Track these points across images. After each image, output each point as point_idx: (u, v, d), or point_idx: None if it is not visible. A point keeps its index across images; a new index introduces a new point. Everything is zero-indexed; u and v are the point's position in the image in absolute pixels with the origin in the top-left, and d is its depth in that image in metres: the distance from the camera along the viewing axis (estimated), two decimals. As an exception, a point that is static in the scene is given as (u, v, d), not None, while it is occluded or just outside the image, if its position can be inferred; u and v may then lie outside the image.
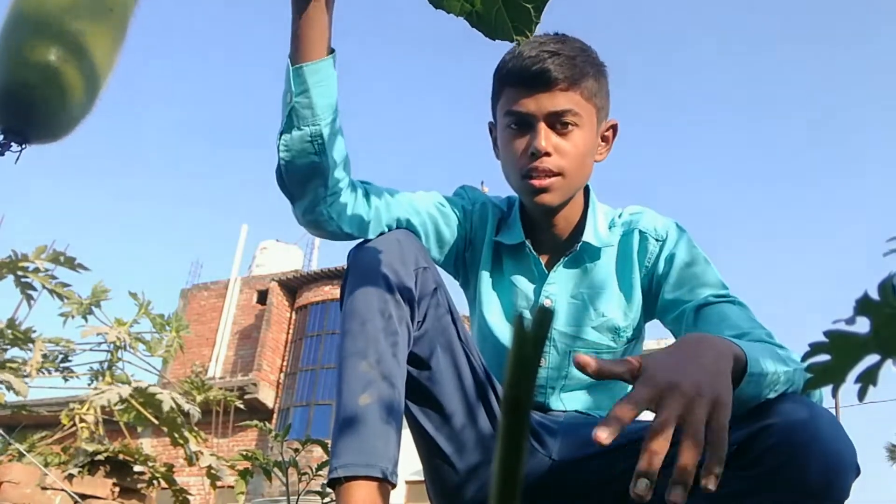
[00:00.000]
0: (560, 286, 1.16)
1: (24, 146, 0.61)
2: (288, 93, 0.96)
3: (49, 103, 0.61)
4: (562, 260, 1.17)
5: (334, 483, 0.89)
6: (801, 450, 0.76)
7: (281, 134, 0.98)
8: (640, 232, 1.15)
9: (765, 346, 0.88)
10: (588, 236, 1.15)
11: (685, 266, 1.09)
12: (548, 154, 1.08)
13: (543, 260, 1.18)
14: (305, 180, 1.00)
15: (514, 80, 1.11)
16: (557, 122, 1.09)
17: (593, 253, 1.16)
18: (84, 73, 0.62)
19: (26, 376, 2.43)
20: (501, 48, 1.19)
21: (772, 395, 0.84)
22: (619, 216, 1.20)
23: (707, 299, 1.04)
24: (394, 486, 0.90)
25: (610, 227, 1.18)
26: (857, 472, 0.78)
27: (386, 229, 1.09)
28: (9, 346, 2.44)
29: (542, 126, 1.08)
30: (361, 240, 1.07)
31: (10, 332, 2.38)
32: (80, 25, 0.62)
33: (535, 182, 1.09)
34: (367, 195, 1.08)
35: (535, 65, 1.07)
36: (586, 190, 1.20)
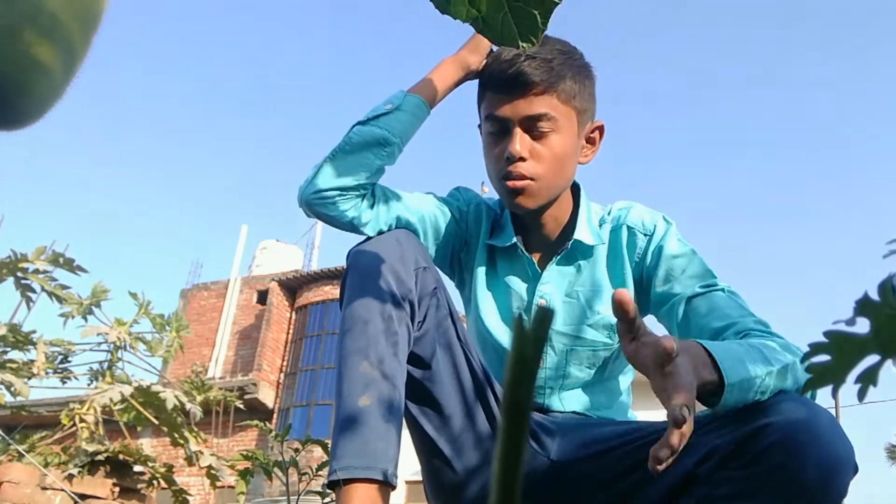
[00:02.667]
0: (554, 285, 1.16)
1: None
2: (390, 104, 1.12)
3: (16, 87, 0.61)
4: (554, 258, 1.17)
5: (334, 485, 0.89)
6: (798, 449, 0.76)
7: (358, 124, 1.11)
8: (628, 227, 1.16)
9: (749, 348, 0.87)
10: (579, 234, 1.15)
11: (672, 259, 1.10)
12: (522, 159, 1.09)
13: (536, 259, 1.19)
14: (348, 166, 1.08)
15: (492, 84, 1.12)
16: (533, 126, 1.09)
17: (585, 251, 1.16)
18: (55, 56, 0.62)
19: (31, 377, 2.43)
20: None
21: (760, 397, 0.83)
22: (609, 213, 1.20)
23: (696, 290, 1.05)
24: (394, 487, 0.90)
25: (600, 225, 1.19)
26: (855, 470, 0.78)
27: (385, 228, 1.11)
28: (9, 349, 2.44)
29: (518, 131, 1.09)
30: (362, 238, 1.08)
31: (11, 335, 2.38)
32: (51, 6, 0.62)
33: (509, 184, 1.10)
34: (371, 193, 1.11)
35: (510, 68, 1.08)
36: (577, 189, 1.20)
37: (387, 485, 0.89)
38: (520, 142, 1.09)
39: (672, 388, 0.73)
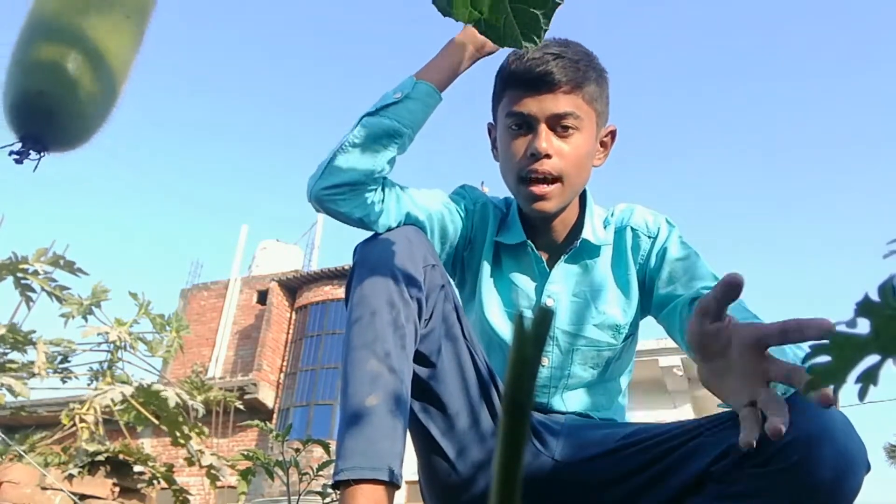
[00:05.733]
0: (562, 285, 1.17)
1: (42, 154, 0.60)
2: (399, 92, 1.09)
3: (67, 110, 0.60)
4: (562, 257, 1.17)
5: (339, 484, 0.88)
6: (813, 448, 0.77)
7: (366, 115, 1.08)
8: (633, 229, 1.17)
9: None
10: (587, 234, 1.16)
11: (676, 261, 1.11)
12: (548, 156, 1.09)
13: (544, 258, 1.19)
14: (358, 159, 1.05)
15: (517, 81, 1.11)
16: (558, 124, 1.10)
17: (592, 251, 1.17)
18: (102, 79, 0.62)
19: (32, 377, 2.43)
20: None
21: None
22: (612, 214, 1.22)
23: (699, 292, 1.05)
24: (399, 487, 0.89)
25: (604, 226, 1.20)
26: (868, 468, 0.79)
27: (394, 224, 1.09)
28: (9, 350, 2.44)
29: (543, 127, 1.09)
30: (370, 234, 1.07)
31: (10, 335, 2.38)
32: (97, 32, 0.62)
33: (534, 189, 1.10)
34: (381, 188, 1.09)
35: (538, 66, 1.08)
36: (583, 192, 1.21)
37: (392, 485, 0.88)
38: (545, 139, 1.09)
39: (779, 366, 0.73)
